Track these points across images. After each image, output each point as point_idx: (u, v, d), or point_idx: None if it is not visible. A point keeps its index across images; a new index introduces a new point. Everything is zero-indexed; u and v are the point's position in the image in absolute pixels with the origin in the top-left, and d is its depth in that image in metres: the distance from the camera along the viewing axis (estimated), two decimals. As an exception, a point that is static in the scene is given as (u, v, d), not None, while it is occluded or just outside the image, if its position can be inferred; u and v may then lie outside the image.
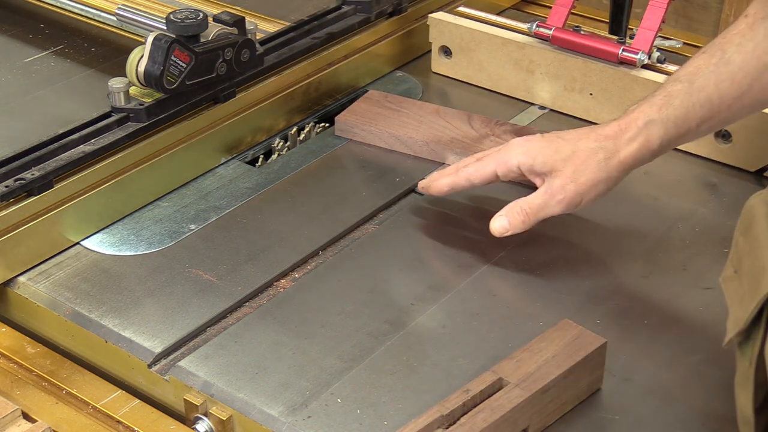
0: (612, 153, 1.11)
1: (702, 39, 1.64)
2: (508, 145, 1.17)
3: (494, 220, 1.16)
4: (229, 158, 1.37)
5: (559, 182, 1.12)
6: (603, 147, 1.12)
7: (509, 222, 1.15)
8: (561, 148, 1.13)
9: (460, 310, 1.12)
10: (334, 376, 1.04)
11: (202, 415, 1.03)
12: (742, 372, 0.84)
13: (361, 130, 1.40)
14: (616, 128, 1.12)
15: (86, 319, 1.12)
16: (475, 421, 0.92)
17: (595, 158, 1.11)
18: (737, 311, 0.83)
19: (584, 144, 1.12)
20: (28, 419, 1.03)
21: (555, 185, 1.12)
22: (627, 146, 1.11)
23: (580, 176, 1.12)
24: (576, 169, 1.12)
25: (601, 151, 1.12)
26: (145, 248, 1.22)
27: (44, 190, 1.18)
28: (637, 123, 1.12)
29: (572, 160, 1.12)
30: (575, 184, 1.12)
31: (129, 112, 1.26)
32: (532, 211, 1.14)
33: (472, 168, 1.18)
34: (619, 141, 1.12)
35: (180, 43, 1.25)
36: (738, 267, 0.85)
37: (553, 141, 1.14)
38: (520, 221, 1.14)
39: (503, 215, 1.15)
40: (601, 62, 1.41)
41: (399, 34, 1.56)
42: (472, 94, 1.52)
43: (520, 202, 1.15)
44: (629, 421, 1.00)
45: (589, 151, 1.12)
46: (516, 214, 1.15)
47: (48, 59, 1.58)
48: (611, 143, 1.12)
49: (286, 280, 1.18)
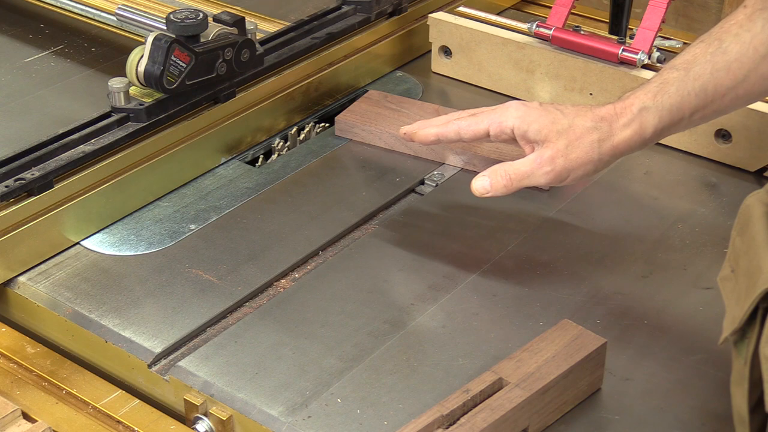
0: (606, 136, 1.11)
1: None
2: (505, 106, 1.16)
3: (476, 179, 1.14)
4: (229, 158, 1.37)
5: (549, 153, 1.11)
6: (598, 128, 1.11)
7: (491, 184, 1.13)
8: (558, 120, 1.12)
9: (460, 310, 1.12)
10: (334, 376, 1.04)
11: (202, 415, 1.03)
12: (737, 371, 0.84)
13: (361, 130, 1.40)
14: (612, 111, 1.12)
15: (86, 319, 1.12)
16: (475, 421, 0.92)
17: (589, 137, 1.11)
18: (733, 310, 0.83)
19: (581, 121, 1.12)
20: (28, 419, 1.03)
21: (545, 156, 1.11)
22: (621, 131, 1.11)
23: (572, 152, 1.11)
24: (569, 144, 1.11)
25: (596, 131, 1.11)
26: (145, 248, 1.22)
27: (44, 190, 1.18)
28: (632, 109, 1.11)
29: (567, 134, 1.11)
30: (565, 159, 1.11)
31: (129, 112, 1.26)
32: (516, 177, 1.13)
33: (465, 122, 1.16)
34: (614, 125, 1.11)
35: (180, 43, 1.25)
36: (735, 266, 0.85)
37: (550, 111, 1.13)
38: (502, 185, 1.13)
39: (486, 176, 1.14)
40: (601, 62, 1.41)
41: (399, 34, 1.56)
42: (472, 94, 1.52)
43: (504, 165, 1.13)
44: (629, 421, 1.00)
45: (585, 129, 1.11)
46: (500, 177, 1.13)
47: (48, 59, 1.58)
48: (606, 126, 1.11)
49: (286, 280, 1.18)
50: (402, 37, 1.57)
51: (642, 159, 1.36)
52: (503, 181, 1.13)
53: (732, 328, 0.82)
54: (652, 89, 1.12)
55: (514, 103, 1.16)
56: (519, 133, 1.13)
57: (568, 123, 1.12)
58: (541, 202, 1.28)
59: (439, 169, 1.34)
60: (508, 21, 1.52)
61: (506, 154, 1.32)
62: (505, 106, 1.16)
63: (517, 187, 1.13)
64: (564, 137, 1.11)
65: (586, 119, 1.12)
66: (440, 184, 1.32)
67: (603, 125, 1.11)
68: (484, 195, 1.14)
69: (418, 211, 1.28)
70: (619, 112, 1.12)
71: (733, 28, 1.10)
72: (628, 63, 1.39)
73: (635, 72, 1.38)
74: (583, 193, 1.30)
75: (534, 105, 1.15)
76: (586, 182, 1.31)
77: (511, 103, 1.16)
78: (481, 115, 1.17)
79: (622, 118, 1.11)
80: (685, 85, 1.11)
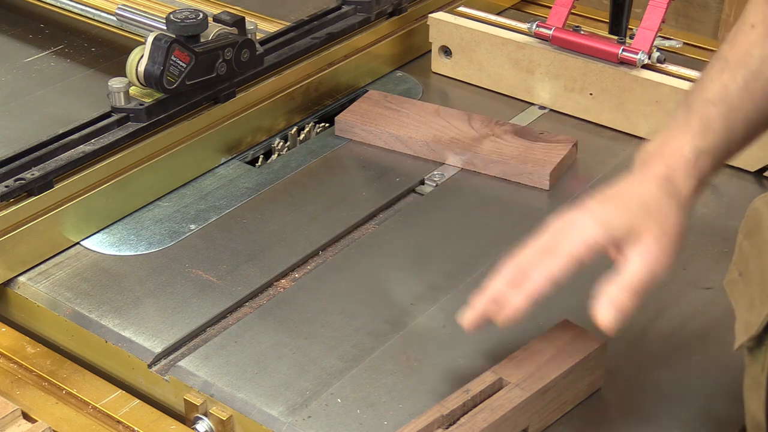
0: (677, 194, 0.97)
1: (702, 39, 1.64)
2: (568, 224, 0.97)
3: (600, 312, 0.93)
4: (229, 158, 1.37)
5: (653, 244, 0.94)
6: (667, 190, 0.97)
7: (617, 308, 0.92)
8: (630, 205, 0.95)
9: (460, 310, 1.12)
10: (334, 376, 1.04)
11: (202, 415, 1.03)
12: (752, 377, 0.83)
13: (361, 130, 1.40)
14: (664, 168, 0.97)
15: (86, 319, 1.12)
16: (475, 421, 0.92)
17: (668, 205, 0.96)
18: (747, 315, 0.82)
19: (647, 191, 0.96)
20: (28, 419, 1.03)
21: (652, 249, 0.94)
22: (685, 185, 0.97)
23: (668, 229, 0.95)
24: (660, 223, 0.95)
25: (668, 197, 0.96)
26: (145, 248, 1.22)
27: (44, 190, 1.18)
28: (685, 156, 0.98)
29: (650, 214, 0.95)
30: (669, 239, 0.94)
31: (129, 112, 1.26)
32: (642, 287, 0.93)
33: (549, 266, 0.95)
34: (677, 182, 0.97)
35: (180, 43, 1.25)
36: (743, 270, 0.84)
37: (612, 201, 0.97)
38: (631, 304, 0.93)
39: (609, 305, 0.92)
40: (601, 62, 1.41)
41: (399, 34, 1.56)
42: (472, 94, 1.52)
43: (620, 283, 0.93)
44: (629, 421, 1.00)
45: (659, 201, 0.96)
46: (626, 299, 0.93)
47: (48, 59, 1.58)
48: (671, 184, 0.97)
49: (286, 280, 1.18)
50: (402, 37, 1.57)
51: (642, 159, 1.36)
52: (632, 301, 0.93)
53: (748, 335, 0.81)
54: (695, 129, 0.99)
55: (572, 216, 0.97)
56: (607, 240, 0.94)
57: (639, 202, 0.96)
58: (541, 202, 1.28)
59: (439, 169, 1.34)
60: (508, 21, 1.52)
61: (506, 154, 1.33)
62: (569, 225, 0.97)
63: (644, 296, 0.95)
64: (651, 218, 0.95)
65: (651, 187, 0.97)
66: (440, 184, 1.32)
67: (668, 185, 0.97)
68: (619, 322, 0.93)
69: (418, 211, 1.28)
70: (672, 163, 0.97)
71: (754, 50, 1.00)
72: (628, 63, 1.39)
73: (635, 72, 1.38)
74: (583, 194, 1.30)
75: (593, 206, 0.97)
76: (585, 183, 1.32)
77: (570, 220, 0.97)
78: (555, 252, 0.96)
79: (679, 169, 0.97)
80: (728, 119, 0.99)
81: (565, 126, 1.43)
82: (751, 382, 0.84)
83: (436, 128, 1.38)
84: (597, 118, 1.43)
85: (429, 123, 1.39)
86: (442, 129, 1.38)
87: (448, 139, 1.36)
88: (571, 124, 1.44)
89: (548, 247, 0.96)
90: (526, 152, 1.33)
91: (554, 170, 1.31)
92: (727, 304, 0.86)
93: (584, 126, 1.43)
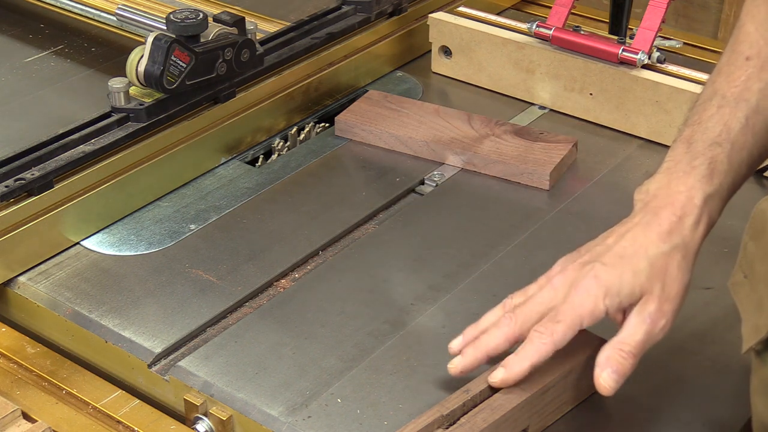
0: (685, 248, 0.96)
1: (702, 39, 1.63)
2: (574, 290, 0.95)
3: (599, 376, 0.94)
4: (229, 158, 1.37)
5: (654, 306, 0.94)
6: (674, 246, 0.95)
7: (617, 371, 0.94)
8: (636, 268, 0.94)
9: (460, 310, 1.12)
10: (334, 376, 1.04)
11: (202, 415, 1.03)
12: (761, 379, 0.83)
13: (361, 130, 1.40)
14: (672, 218, 0.96)
15: (86, 319, 1.12)
16: (475, 421, 0.92)
17: (674, 263, 0.95)
18: (755, 318, 0.82)
19: (654, 247, 0.95)
20: (28, 419, 1.03)
21: (651, 312, 0.94)
22: (694, 233, 0.96)
23: (670, 291, 0.94)
24: (663, 284, 0.94)
25: (674, 251, 0.95)
26: (145, 248, 1.22)
27: (44, 190, 1.18)
28: (694, 202, 0.96)
29: (654, 275, 0.94)
30: (670, 301, 0.94)
31: (129, 112, 1.26)
32: (639, 350, 0.94)
33: (548, 338, 0.95)
34: (684, 232, 0.96)
35: (180, 43, 1.25)
36: (748, 272, 0.84)
37: (620, 265, 0.95)
38: (630, 366, 0.94)
39: (607, 368, 0.94)
40: (601, 62, 1.41)
41: (399, 34, 1.56)
42: (472, 94, 1.52)
43: (617, 344, 0.94)
44: (629, 421, 1.00)
45: (665, 258, 0.95)
46: (623, 360, 0.94)
47: (48, 59, 1.58)
48: (679, 238, 0.95)
49: (286, 280, 1.18)
50: (402, 37, 1.57)
51: (642, 159, 1.36)
52: (629, 362, 0.94)
53: (757, 338, 0.81)
54: (702, 172, 0.97)
55: (583, 285, 0.95)
56: (613, 309, 0.94)
57: (646, 263, 0.94)
58: (541, 201, 1.29)
59: (439, 169, 1.34)
60: (508, 21, 1.52)
61: (506, 153, 1.33)
62: (575, 293, 0.95)
63: (640, 358, 0.96)
64: (655, 281, 0.94)
65: (658, 244, 0.95)
66: (440, 184, 1.32)
67: (676, 240, 0.95)
68: (619, 385, 0.95)
69: (418, 211, 1.28)
70: (680, 213, 0.96)
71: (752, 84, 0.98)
72: (628, 63, 1.39)
73: (635, 72, 1.38)
74: (583, 193, 1.30)
75: (597, 271, 0.95)
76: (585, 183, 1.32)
77: (575, 284, 0.96)
78: (562, 323, 0.95)
79: (688, 218, 0.96)
80: (733, 160, 0.98)
81: (565, 126, 1.43)
82: (760, 385, 0.83)
83: (436, 128, 1.38)
84: (597, 118, 1.43)
85: (429, 123, 1.39)
86: (442, 129, 1.38)
87: (448, 139, 1.36)
88: (571, 124, 1.44)
89: (553, 307, 0.96)
90: (526, 152, 1.33)
91: (554, 170, 1.31)
92: (727, 304, 0.86)
93: (584, 126, 1.43)
